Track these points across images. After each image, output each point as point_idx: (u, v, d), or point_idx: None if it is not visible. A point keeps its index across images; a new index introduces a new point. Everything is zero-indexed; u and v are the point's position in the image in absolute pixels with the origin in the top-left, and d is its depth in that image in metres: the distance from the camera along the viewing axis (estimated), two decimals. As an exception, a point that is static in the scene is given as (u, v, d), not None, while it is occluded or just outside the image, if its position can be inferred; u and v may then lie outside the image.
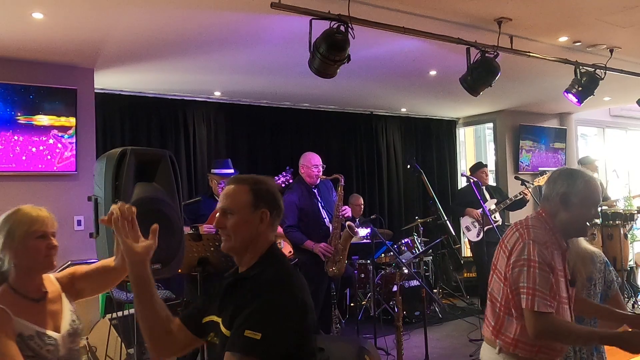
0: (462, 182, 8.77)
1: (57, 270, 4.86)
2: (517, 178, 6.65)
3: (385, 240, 5.41)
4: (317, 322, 5.37)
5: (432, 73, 5.82)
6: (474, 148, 9.80)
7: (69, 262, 4.01)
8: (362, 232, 6.11)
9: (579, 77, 5.18)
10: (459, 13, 4.07)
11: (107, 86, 5.79)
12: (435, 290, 7.31)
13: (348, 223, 5.00)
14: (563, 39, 4.80)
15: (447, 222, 6.42)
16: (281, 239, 6.10)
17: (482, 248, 6.39)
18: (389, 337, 5.11)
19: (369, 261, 6.21)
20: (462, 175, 7.88)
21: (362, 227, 6.22)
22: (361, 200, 6.95)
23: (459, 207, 6.96)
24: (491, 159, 8.97)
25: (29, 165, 4.63)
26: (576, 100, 5.31)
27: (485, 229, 6.28)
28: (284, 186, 5.42)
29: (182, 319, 1.81)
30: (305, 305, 1.64)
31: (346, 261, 5.10)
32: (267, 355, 1.54)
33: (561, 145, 8.91)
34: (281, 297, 1.61)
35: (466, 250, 8.26)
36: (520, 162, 8.42)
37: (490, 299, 2.27)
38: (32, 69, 4.70)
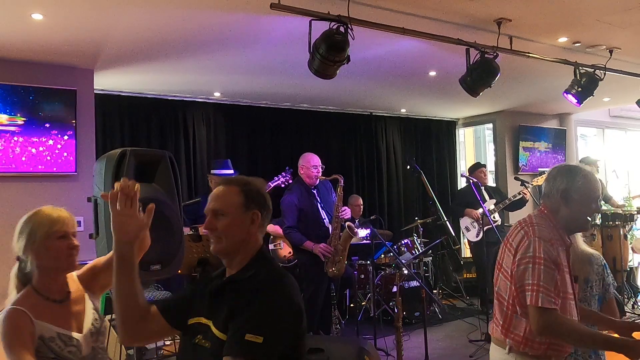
0: (461, 183, 8.77)
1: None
2: (516, 179, 6.66)
3: (385, 241, 5.41)
4: (317, 323, 5.37)
5: (432, 74, 5.82)
6: (473, 149, 9.80)
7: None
8: (362, 232, 6.11)
9: (578, 78, 5.17)
10: (458, 14, 4.07)
11: (107, 87, 5.79)
12: (435, 291, 7.30)
13: (348, 224, 4.99)
14: (562, 40, 4.80)
15: (447, 222, 6.43)
16: (281, 240, 6.11)
17: (482, 248, 6.38)
18: (389, 338, 5.11)
19: (368, 262, 6.21)
20: (462, 175, 7.89)
21: (362, 227, 6.22)
22: (360, 200, 6.94)
23: (459, 208, 6.97)
24: (491, 159, 8.97)
25: (29, 166, 4.63)
26: (576, 100, 5.31)
27: (485, 229, 6.28)
28: (283, 186, 5.43)
29: (160, 307, 1.78)
30: (300, 307, 1.65)
31: (346, 262, 5.10)
32: (268, 358, 1.54)
33: (561, 146, 8.92)
34: (278, 300, 1.61)
35: (466, 251, 8.25)
36: (519, 163, 8.42)
37: (498, 298, 2.27)
38: (32, 70, 4.70)
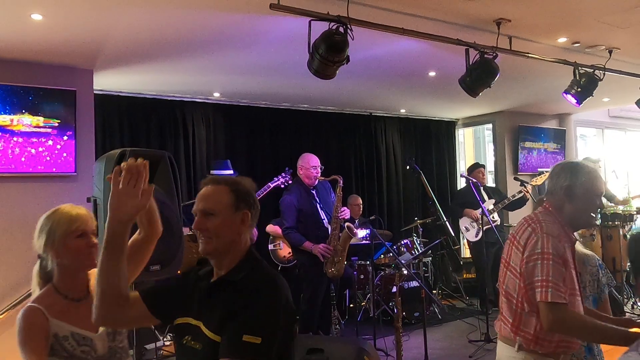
0: (461, 183, 8.77)
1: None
2: (516, 179, 6.66)
3: (384, 241, 5.41)
4: (317, 323, 5.35)
5: (431, 74, 5.82)
6: (473, 149, 9.80)
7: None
8: (361, 233, 6.11)
9: (578, 78, 5.18)
10: (458, 14, 4.07)
11: (107, 87, 5.79)
12: (434, 291, 7.31)
13: (347, 224, 5.00)
14: (562, 40, 4.80)
15: (447, 222, 6.44)
16: (280, 240, 6.11)
17: (481, 248, 6.38)
18: (389, 338, 5.10)
19: (368, 262, 6.21)
20: (462, 176, 7.89)
21: (361, 228, 6.22)
22: (360, 200, 6.94)
23: (458, 208, 6.98)
24: (490, 159, 8.97)
25: (28, 167, 4.62)
26: (575, 101, 5.31)
27: (484, 229, 6.28)
28: (283, 187, 5.43)
29: (142, 294, 1.75)
30: (293, 307, 1.66)
31: (345, 262, 5.11)
32: (266, 358, 1.54)
33: (560, 146, 8.92)
34: (275, 301, 1.61)
35: (465, 251, 8.25)
36: (519, 163, 8.42)
37: (506, 297, 2.27)
38: (32, 70, 4.69)
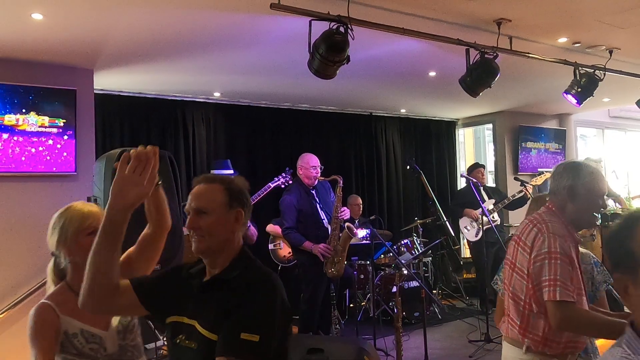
0: (461, 183, 8.77)
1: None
2: (516, 179, 6.67)
3: (384, 241, 5.41)
4: (317, 323, 5.35)
5: (432, 74, 5.82)
6: (473, 149, 9.80)
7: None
8: (361, 233, 6.11)
9: (578, 78, 5.17)
10: (458, 14, 4.07)
11: (107, 87, 5.79)
12: (434, 291, 7.30)
13: (347, 224, 5.00)
14: (562, 40, 4.80)
15: (447, 222, 6.43)
16: (280, 240, 6.11)
17: (481, 248, 6.38)
18: (389, 338, 5.11)
19: (368, 262, 6.21)
20: (462, 176, 7.89)
21: (362, 228, 6.22)
22: (360, 200, 6.95)
23: (458, 208, 6.98)
24: (491, 159, 8.97)
25: (29, 166, 4.62)
26: (575, 101, 5.31)
27: (484, 228, 6.29)
28: (283, 187, 5.43)
29: (134, 283, 1.72)
30: (289, 305, 1.66)
31: (345, 262, 5.11)
32: (264, 355, 1.54)
33: (560, 146, 8.92)
34: (272, 299, 1.61)
35: (465, 251, 8.25)
36: (519, 163, 8.42)
37: (513, 298, 2.27)
38: (32, 70, 4.69)
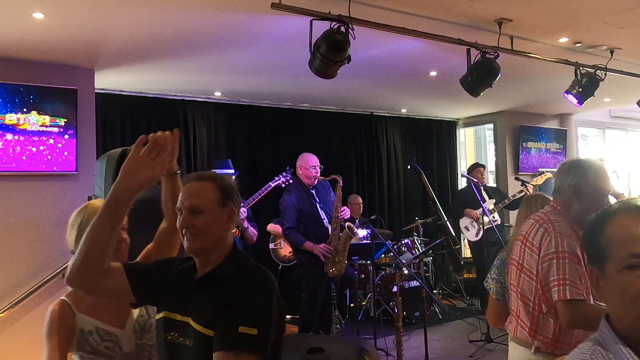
0: (462, 183, 8.77)
1: (52, 273, 4.81)
2: (517, 179, 6.66)
3: (385, 241, 5.41)
4: (317, 323, 5.35)
5: (433, 74, 5.82)
6: (474, 149, 9.80)
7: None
8: (362, 232, 6.10)
9: (579, 78, 5.17)
10: (459, 14, 4.07)
11: (108, 86, 5.79)
12: (435, 291, 7.31)
13: (347, 224, 4.99)
14: (563, 40, 4.79)
15: (447, 222, 6.43)
16: (281, 239, 6.11)
17: (482, 248, 6.39)
18: (389, 338, 5.11)
19: (369, 262, 6.21)
20: (462, 175, 7.89)
21: (362, 227, 6.22)
22: (360, 199, 6.95)
23: (458, 209, 6.98)
24: (491, 159, 8.97)
25: (29, 166, 4.62)
26: (576, 101, 5.30)
27: (485, 228, 6.28)
28: (284, 186, 5.43)
29: (126, 268, 1.71)
30: (281, 300, 1.67)
31: (346, 262, 5.10)
32: (263, 349, 1.55)
33: (561, 146, 8.92)
34: (268, 293, 1.63)
35: (466, 251, 8.25)
36: (520, 163, 8.41)
37: (522, 299, 2.26)
38: (33, 69, 4.69)
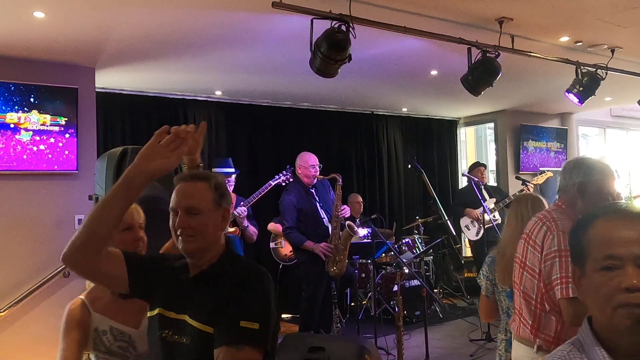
0: (462, 182, 8.77)
1: (52, 273, 4.81)
2: (518, 178, 6.65)
3: (385, 240, 5.41)
4: (318, 322, 5.35)
5: (433, 73, 5.81)
6: (474, 148, 9.79)
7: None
8: (362, 231, 6.10)
9: (580, 77, 5.17)
10: (460, 13, 4.07)
11: (108, 85, 5.79)
12: (435, 290, 7.31)
13: (348, 223, 4.99)
14: (564, 39, 4.79)
15: (448, 221, 6.43)
16: (282, 238, 6.11)
17: (482, 247, 6.39)
18: (390, 337, 5.11)
19: (369, 261, 6.21)
20: (463, 175, 7.89)
21: (363, 226, 6.21)
22: (360, 198, 6.95)
23: (459, 208, 6.98)
24: (492, 158, 8.97)
25: (30, 165, 4.62)
26: (577, 100, 5.30)
27: (486, 227, 6.29)
28: (284, 185, 5.43)
29: (125, 255, 1.70)
30: (276, 294, 1.70)
31: (347, 261, 5.10)
32: (264, 343, 1.57)
33: (562, 146, 8.91)
34: (265, 288, 1.65)
35: (467, 250, 8.26)
36: (521, 162, 8.41)
37: (524, 298, 2.26)
38: (33, 68, 4.69)
